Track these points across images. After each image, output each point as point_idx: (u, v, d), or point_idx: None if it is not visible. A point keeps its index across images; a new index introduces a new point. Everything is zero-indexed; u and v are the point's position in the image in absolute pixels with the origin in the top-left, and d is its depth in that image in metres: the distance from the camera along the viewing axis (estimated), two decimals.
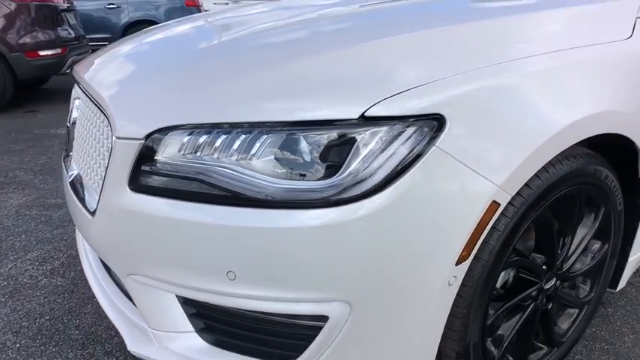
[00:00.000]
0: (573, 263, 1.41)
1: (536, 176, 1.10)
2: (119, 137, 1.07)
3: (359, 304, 0.98)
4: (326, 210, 0.93)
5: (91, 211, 1.18)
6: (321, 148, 0.95)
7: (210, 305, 1.08)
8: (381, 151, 0.94)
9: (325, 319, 1.00)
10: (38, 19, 4.86)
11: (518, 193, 1.07)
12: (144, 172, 1.04)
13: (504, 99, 1.02)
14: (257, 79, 1.06)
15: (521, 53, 1.11)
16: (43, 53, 4.88)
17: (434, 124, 0.96)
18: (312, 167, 0.96)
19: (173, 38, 1.49)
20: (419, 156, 0.94)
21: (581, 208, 1.33)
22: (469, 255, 1.02)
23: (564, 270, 1.39)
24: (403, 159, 0.94)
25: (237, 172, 0.98)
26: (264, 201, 0.96)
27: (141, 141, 1.04)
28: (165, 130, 1.02)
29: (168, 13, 8.16)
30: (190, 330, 1.14)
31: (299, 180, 0.96)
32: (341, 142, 0.95)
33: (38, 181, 3.11)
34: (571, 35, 1.22)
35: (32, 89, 6.23)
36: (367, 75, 1.02)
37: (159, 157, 1.03)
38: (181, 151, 1.02)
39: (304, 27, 1.36)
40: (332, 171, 0.95)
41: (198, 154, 1.01)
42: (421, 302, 1.01)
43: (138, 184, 1.05)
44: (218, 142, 0.99)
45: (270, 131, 0.97)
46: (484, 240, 1.05)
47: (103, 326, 1.72)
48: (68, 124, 1.48)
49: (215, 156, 1.00)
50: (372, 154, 0.94)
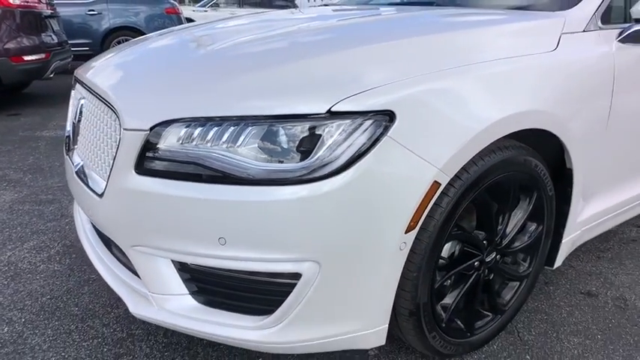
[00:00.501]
0: (512, 240, 1.66)
1: (472, 162, 1.34)
2: (127, 129, 1.27)
3: (326, 264, 1.20)
4: (299, 187, 1.16)
5: (99, 194, 1.38)
6: (296, 137, 1.18)
7: (202, 269, 1.29)
8: (344, 140, 1.17)
9: (299, 276, 1.22)
10: (23, 25, 4.99)
11: (457, 176, 1.31)
12: (148, 158, 1.25)
13: (445, 99, 1.26)
14: (244, 80, 1.28)
15: (463, 61, 1.35)
16: (27, 58, 5.00)
17: (387, 118, 1.19)
18: (288, 153, 1.18)
19: (169, 45, 1.70)
20: (374, 144, 1.17)
21: (515, 193, 1.58)
22: (416, 225, 1.25)
23: (503, 246, 1.63)
24: (361, 146, 1.17)
25: (227, 157, 1.19)
26: (250, 180, 1.18)
27: (146, 132, 1.24)
28: (166, 122, 1.23)
29: (149, 20, 8.19)
30: (185, 292, 1.35)
31: (277, 163, 1.18)
32: (311, 133, 1.17)
33: (28, 179, 3.26)
34: (507, 47, 1.47)
35: (14, 93, 6.33)
36: (334, 78, 1.25)
37: (161, 145, 1.24)
38: (180, 140, 1.23)
39: (285, 38, 1.59)
40: (304, 156, 1.17)
41: (194, 143, 1.22)
42: (377, 263, 1.24)
43: (143, 168, 1.26)
44: (211, 132, 1.21)
45: (255, 123, 1.19)
46: (429, 214, 1.29)
47: (100, 304, 1.91)
48: (74, 121, 1.67)
49: (209, 144, 1.21)
50: (336, 143, 1.17)
